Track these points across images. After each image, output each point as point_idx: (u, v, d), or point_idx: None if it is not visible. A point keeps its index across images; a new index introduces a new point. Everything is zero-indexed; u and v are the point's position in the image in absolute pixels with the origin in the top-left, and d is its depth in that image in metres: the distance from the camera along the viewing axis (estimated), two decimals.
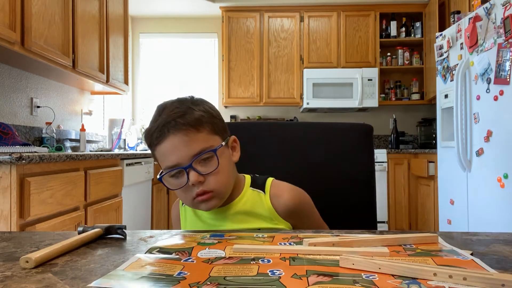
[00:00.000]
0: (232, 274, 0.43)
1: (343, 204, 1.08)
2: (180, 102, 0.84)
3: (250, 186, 0.89)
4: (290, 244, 0.56)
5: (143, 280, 0.42)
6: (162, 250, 0.54)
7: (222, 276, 0.42)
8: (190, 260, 0.49)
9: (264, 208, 0.85)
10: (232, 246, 0.55)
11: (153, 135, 0.81)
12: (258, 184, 0.89)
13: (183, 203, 0.93)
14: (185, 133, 0.79)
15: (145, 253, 0.53)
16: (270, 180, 0.89)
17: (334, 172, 1.11)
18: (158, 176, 0.85)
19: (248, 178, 0.91)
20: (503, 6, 2.32)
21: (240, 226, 0.84)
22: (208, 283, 0.41)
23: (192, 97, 0.86)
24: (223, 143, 0.83)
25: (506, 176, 2.28)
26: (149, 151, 3.77)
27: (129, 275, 0.44)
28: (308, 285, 0.39)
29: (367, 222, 1.09)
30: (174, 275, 0.43)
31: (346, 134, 1.14)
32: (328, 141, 1.13)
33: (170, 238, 0.63)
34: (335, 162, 1.12)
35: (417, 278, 0.41)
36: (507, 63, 2.28)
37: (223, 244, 0.56)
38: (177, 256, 0.51)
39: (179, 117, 0.79)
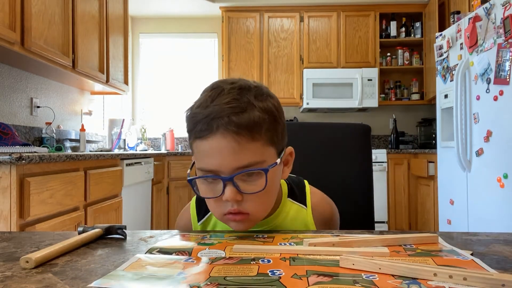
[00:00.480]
0: (232, 274, 0.43)
1: (341, 203, 1.08)
2: (241, 90, 0.66)
3: (288, 197, 0.77)
4: (290, 244, 0.56)
5: (143, 280, 0.42)
6: (162, 250, 0.54)
7: (222, 276, 0.42)
8: (190, 260, 0.49)
9: (304, 223, 0.76)
10: (232, 246, 0.55)
11: (197, 124, 0.65)
12: (297, 195, 0.77)
13: (200, 221, 0.81)
14: (236, 138, 0.63)
15: (145, 253, 0.53)
16: (308, 188, 0.78)
17: (332, 171, 1.11)
18: (188, 177, 0.68)
19: (284, 184, 0.78)
20: (503, 6, 2.32)
21: None
22: (208, 283, 0.41)
23: (257, 85, 0.69)
24: (278, 161, 0.68)
25: (506, 176, 2.29)
26: (149, 151, 3.79)
27: (129, 275, 0.44)
28: (308, 285, 0.39)
29: (365, 222, 1.10)
30: (174, 276, 0.43)
31: (344, 134, 1.14)
32: (326, 141, 1.13)
33: (170, 238, 0.63)
34: (333, 162, 1.12)
35: (417, 278, 0.41)
36: (507, 63, 2.28)
37: (223, 244, 0.56)
38: (177, 257, 0.51)
39: (235, 114, 0.63)
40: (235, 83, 0.68)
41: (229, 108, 0.63)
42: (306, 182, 0.80)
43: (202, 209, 0.80)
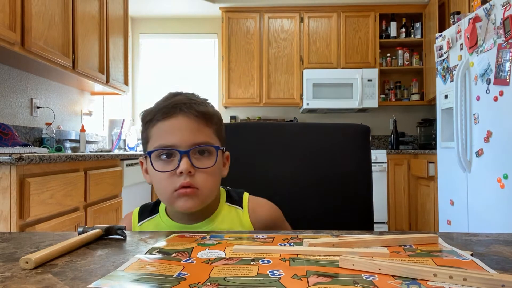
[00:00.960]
0: (232, 275, 0.43)
1: (340, 204, 1.08)
2: (196, 95, 0.83)
3: (226, 201, 0.84)
4: (290, 245, 0.56)
5: (143, 280, 0.42)
6: (162, 250, 0.54)
7: (222, 277, 0.42)
8: (190, 261, 0.49)
9: (243, 225, 0.81)
10: (232, 247, 0.55)
11: (161, 111, 0.77)
12: (235, 200, 0.85)
13: (140, 222, 0.84)
14: (196, 120, 0.76)
15: (145, 253, 0.53)
16: (246, 195, 0.86)
17: (332, 172, 1.11)
18: (144, 152, 0.80)
19: (223, 191, 0.86)
20: (502, 6, 2.32)
21: None
22: (208, 283, 0.41)
23: (207, 99, 0.86)
24: (223, 148, 0.81)
25: (506, 177, 2.28)
26: None
27: (129, 275, 0.44)
28: (308, 286, 0.39)
29: (364, 222, 1.10)
30: (174, 276, 0.43)
31: (343, 135, 1.14)
32: (326, 142, 1.13)
33: (170, 239, 0.63)
34: (333, 162, 1.12)
35: (417, 279, 0.41)
36: (507, 64, 2.28)
37: (223, 245, 0.56)
38: (177, 257, 0.51)
39: (195, 103, 0.78)
40: (189, 92, 0.84)
41: (191, 100, 0.78)
42: (247, 193, 0.87)
43: (143, 216, 0.86)
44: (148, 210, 0.86)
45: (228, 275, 0.43)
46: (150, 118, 0.79)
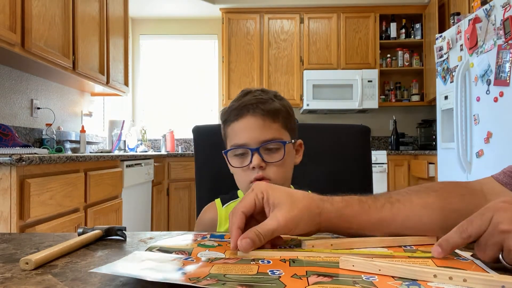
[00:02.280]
0: (232, 273, 0.43)
1: None
2: (265, 91, 0.90)
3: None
4: (290, 247, 0.56)
5: (143, 271, 0.42)
6: (162, 249, 0.54)
7: (222, 274, 0.42)
8: (189, 259, 0.49)
9: None
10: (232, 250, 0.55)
11: (233, 112, 0.87)
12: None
13: (224, 205, 0.94)
14: (262, 118, 0.84)
15: (145, 251, 0.53)
16: None
17: (332, 173, 1.11)
18: (224, 151, 0.89)
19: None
20: (502, 7, 2.32)
21: None
22: (208, 278, 0.41)
23: (276, 92, 0.93)
24: (292, 141, 0.89)
25: None
26: (149, 153, 3.79)
27: (130, 264, 0.44)
28: (308, 285, 0.39)
29: None
30: (174, 271, 0.44)
31: (343, 135, 1.14)
32: (326, 142, 1.13)
33: (170, 239, 0.63)
34: (333, 163, 1.12)
35: (417, 280, 0.41)
36: (507, 65, 2.28)
37: (223, 247, 0.56)
38: (177, 255, 0.51)
39: (261, 102, 0.85)
40: (260, 88, 0.92)
41: (257, 99, 0.86)
42: None
43: (225, 201, 0.96)
44: (227, 198, 0.96)
45: (228, 272, 0.43)
46: (225, 118, 0.90)
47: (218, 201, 0.97)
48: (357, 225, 0.58)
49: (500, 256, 0.44)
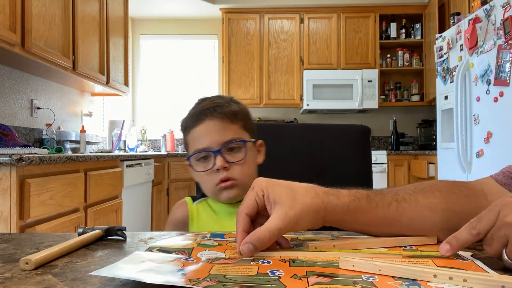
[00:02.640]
0: (232, 273, 0.43)
1: None
2: (221, 97, 0.92)
3: None
4: (290, 247, 0.56)
5: (143, 272, 0.42)
6: (162, 249, 0.54)
7: (222, 274, 0.42)
8: (190, 260, 0.49)
9: None
10: (232, 250, 0.55)
11: (191, 119, 0.88)
12: None
13: (195, 202, 0.95)
14: (220, 121, 0.86)
15: (145, 251, 0.53)
16: None
17: (332, 173, 1.11)
18: (186, 157, 0.90)
19: None
20: (502, 7, 2.32)
21: None
22: (208, 279, 0.41)
23: (232, 97, 0.95)
24: (252, 140, 0.91)
25: None
26: (149, 153, 3.79)
27: (129, 266, 0.44)
28: (308, 285, 0.39)
29: None
30: (174, 272, 0.44)
31: (343, 136, 1.14)
32: (326, 142, 1.13)
33: (170, 239, 0.63)
34: (333, 163, 1.12)
35: (417, 280, 0.41)
36: (507, 65, 2.28)
37: (223, 247, 0.56)
38: (177, 255, 0.51)
39: (218, 106, 0.87)
40: (216, 95, 0.94)
41: (214, 104, 0.88)
42: None
43: (196, 199, 0.97)
44: (198, 196, 0.98)
45: (228, 273, 0.43)
46: (185, 127, 0.90)
47: (188, 198, 0.97)
48: (362, 221, 0.58)
49: (504, 251, 0.44)
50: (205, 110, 0.87)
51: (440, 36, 3.16)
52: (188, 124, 0.88)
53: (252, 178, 0.85)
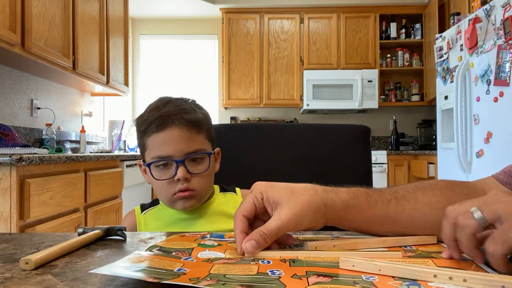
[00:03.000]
0: (232, 273, 0.43)
1: None
2: (185, 100, 0.87)
3: (220, 192, 0.93)
4: (291, 246, 0.56)
5: (143, 272, 0.42)
6: (162, 249, 0.54)
7: (222, 274, 0.42)
8: (190, 259, 0.49)
9: (235, 205, 0.86)
10: (232, 250, 0.55)
11: (154, 122, 0.82)
12: (228, 189, 0.94)
13: (143, 211, 0.92)
14: (187, 129, 0.82)
15: (145, 250, 0.53)
16: (237, 188, 0.94)
17: (332, 173, 1.11)
18: (144, 163, 0.86)
19: (216, 187, 0.94)
20: (502, 7, 2.32)
21: (214, 227, 0.84)
22: (208, 278, 0.41)
23: (194, 100, 0.90)
24: (214, 151, 0.88)
25: None
26: None
27: (130, 266, 0.44)
28: (308, 285, 0.39)
29: None
30: (174, 271, 0.44)
31: (343, 135, 1.14)
32: (326, 142, 1.13)
33: (170, 238, 0.63)
34: (333, 163, 1.12)
35: (417, 280, 0.41)
36: (507, 65, 2.28)
37: (223, 247, 0.56)
38: (177, 255, 0.51)
39: (185, 113, 0.83)
40: (178, 97, 0.89)
41: (180, 109, 0.83)
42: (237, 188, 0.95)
43: (145, 208, 0.95)
44: (148, 205, 0.94)
45: (228, 272, 0.43)
46: (144, 128, 0.84)
47: (137, 208, 0.95)
48: (362, 219, 0.58)
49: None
50: (171, 116, 0.81)
51: (440, 36, 3.16)
52: (151, 128, 0.82)
53: (211, 188, 0.91)
